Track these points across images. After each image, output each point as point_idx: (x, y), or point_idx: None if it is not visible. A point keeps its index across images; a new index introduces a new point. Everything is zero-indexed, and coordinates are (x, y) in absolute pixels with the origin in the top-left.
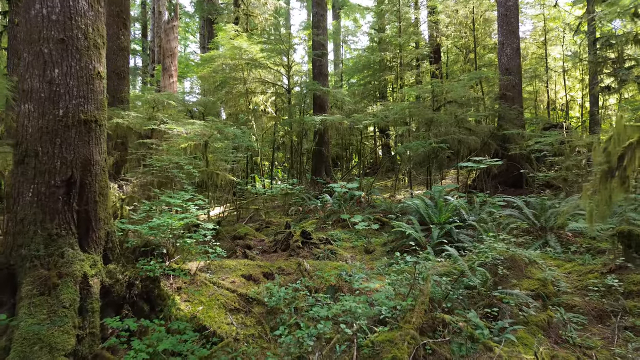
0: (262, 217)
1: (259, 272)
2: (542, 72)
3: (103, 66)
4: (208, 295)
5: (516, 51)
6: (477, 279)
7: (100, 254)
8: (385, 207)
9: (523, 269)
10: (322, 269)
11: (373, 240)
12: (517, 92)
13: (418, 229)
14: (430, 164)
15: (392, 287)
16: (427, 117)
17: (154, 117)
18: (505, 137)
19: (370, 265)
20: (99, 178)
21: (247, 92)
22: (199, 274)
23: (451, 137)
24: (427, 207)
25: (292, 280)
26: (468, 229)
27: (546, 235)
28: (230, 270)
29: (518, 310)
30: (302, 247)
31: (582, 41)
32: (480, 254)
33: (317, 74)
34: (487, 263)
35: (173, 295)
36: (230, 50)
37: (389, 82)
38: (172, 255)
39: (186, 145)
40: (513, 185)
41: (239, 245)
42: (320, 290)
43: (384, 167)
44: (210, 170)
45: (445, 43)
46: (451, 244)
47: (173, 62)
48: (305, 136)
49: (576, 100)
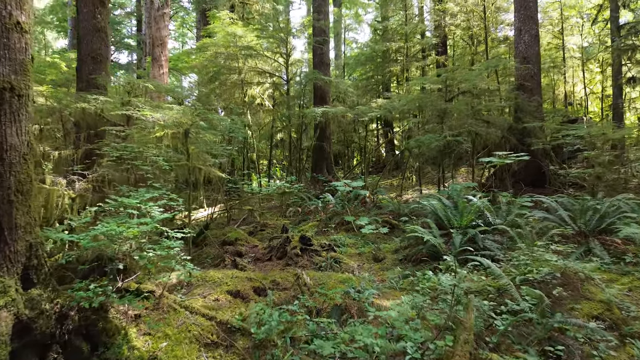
0: (257, 219)
1: (249, 287)
2: (560, 62)
3: (27, 16)
4: (177, 326)
5: (534, 38)
6: (526, 301)
7: (17, 276)
8: (394, 208)
9: (579, 287)
10: (324, 283)
11: (382, 246)
12: (536, 83)
13: (437, 234)
14: (442, 160)
15: (413, 308)
16: (439, 108)
17: (129, 103)
18: (525, 130)
19: (381, 277)
20: (15, 169)
21: (242, 83)
22: (167, 295)
23: (468, 130)
24: (445, 208)
25: (288, 297)
26: (495, 234)
27: (588, 241)
28: (214, 284)
29: (589, 348)
30: (301, 254)
31: (601, 31)
32: (521, 267)
33: (317, 63)
34: (534, 279)
35: (127, 328)
36: (224, 37)
37: (394, 74)
38: (133, 271)
39: (162, 134)
40: (533, 184)
41: (229, 252)
42: (323, 312)
43: (391, 164)
44: (192, 164)
45: (452, 34)
46: (477, 252)
47: (163, 51)
48: (305, 132)
49: (596, 93)
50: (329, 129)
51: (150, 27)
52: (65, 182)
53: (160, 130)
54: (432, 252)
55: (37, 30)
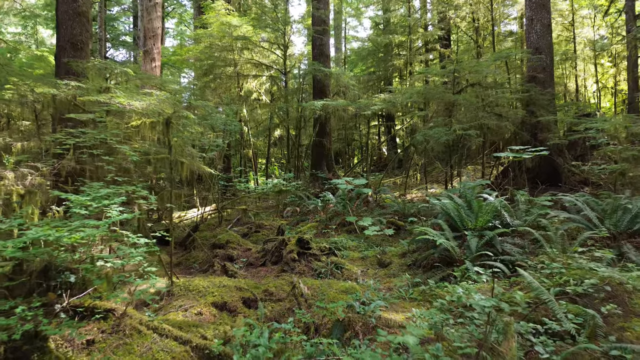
0: (251, 220)
1: (238, 298)
2: (571, 54)
3: None
4: (141, 353)
5: (547, 28)
6: (570, 321)
7: None
8: (398, 207)
9: (626, 302)
10: (324, 293)
11: (388, 249)
12: (549, 75)
13: (450, 236)
14: (451, 157)
15: (431, 328)
16: (448, 100)
17: (108, 90)
18: (538, 125)
19: (388, 284)
20: None
21: (237, 76)
22: (131, 314)
23: (479, 124)
24: (458, 207)
25: (282, 310)
26: (515, 237)
27: (619, 245)
28: (198, 294)
29: None
30: (299, 259)
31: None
32: (556, 277)
33: (317, 55)
34: (574, 292)
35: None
36: (218, 27)
37: (397, 68)
38: (88, 284)
39: (138, 122)
40: (547, 182)
41: (219, 256)
42: (322, 329)
43: (394, 161)
44: (174, 158)
45: (456, 29)
46: (496, 257)
47: (156, 44)
48: (303, 128)
49: (609, 87)
50: (329, 124)
51: (143, 19)
52: (13, 175)
53: (137, 120)
54: (444, 256)
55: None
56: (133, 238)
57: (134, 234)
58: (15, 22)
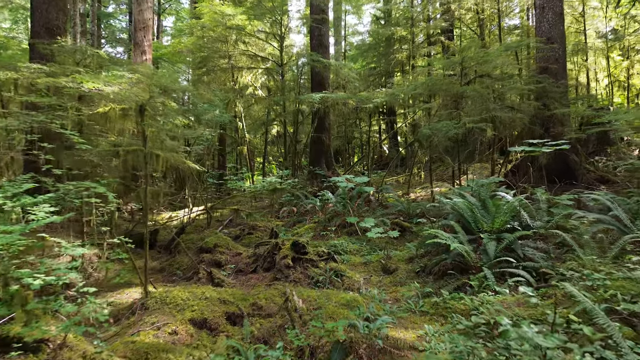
0: (245, 221)
1: (221, 313)
2: (582, 46)
3: None
4: None
5: (559, 16)
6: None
7: None
8: (403, 207)
9: None
10: (322, 306)
11: (393, 253)
12: (561, 66)
13: (464, 239)
14: (459, 153)
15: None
16: (455, 92)
17: (76, 73)
18: (551, 118)
19: (394, 294)
20: None
21: (232, 69)
22: (73, 344)
23: (490, 116)
24: (472, 207)
25: (272, 328)
26: (537, 240)
27: None
28: (176, 307)
29: None
30: (293, 265)
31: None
32: (600, 290)
33: (316, 45)
34: (628, 311)
35: None
36: (211, 16)
37: (399, 62)
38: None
39: (107, 109)
40: (561, 179)
41: (205, 261)
42: (319, 352)
43: (397, 159)
44: (148, 150)
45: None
46: (518, 264)
47: (146, 35)
48: (301, 124)
49: (621, 81)
50: (329, 119)
51: (134, 11)
52: None
53: (104, 106)
54: (458, 262)
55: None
56: (68, 248)
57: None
58: (8, 18)
